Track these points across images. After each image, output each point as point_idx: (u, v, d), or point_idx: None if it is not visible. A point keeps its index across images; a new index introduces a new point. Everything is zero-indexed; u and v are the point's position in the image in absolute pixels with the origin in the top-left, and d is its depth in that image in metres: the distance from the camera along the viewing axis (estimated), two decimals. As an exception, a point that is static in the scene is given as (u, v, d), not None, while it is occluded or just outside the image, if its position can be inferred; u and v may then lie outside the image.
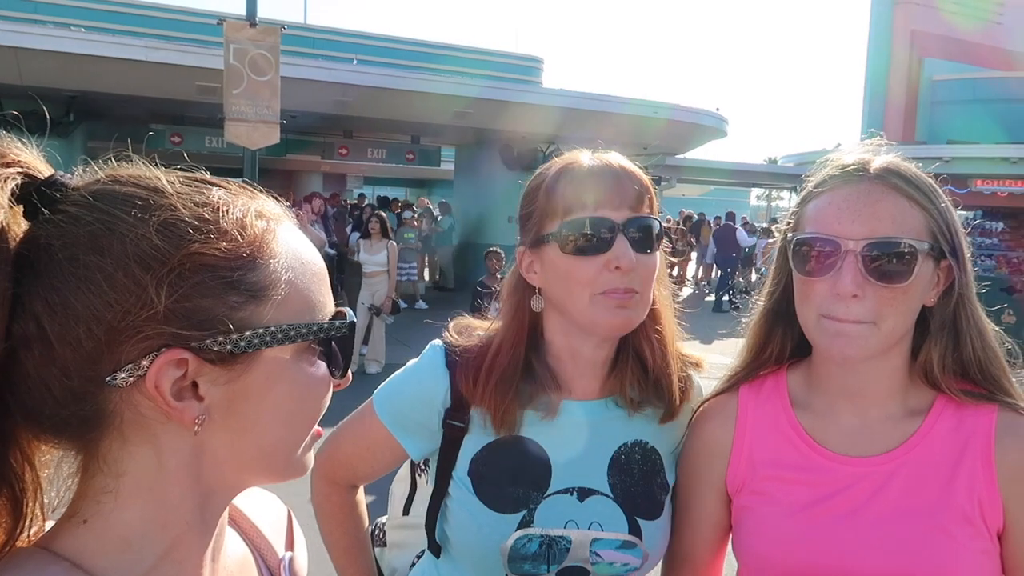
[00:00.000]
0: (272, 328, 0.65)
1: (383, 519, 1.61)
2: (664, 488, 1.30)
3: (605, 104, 18.13)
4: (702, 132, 20.49)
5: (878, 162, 1.13)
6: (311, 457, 0.75)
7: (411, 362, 1.33)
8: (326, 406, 0.73)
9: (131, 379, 0.61)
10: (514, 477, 1.22)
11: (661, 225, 1.20)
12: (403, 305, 11.34)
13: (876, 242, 1.07)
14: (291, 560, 0.85)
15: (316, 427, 0.74)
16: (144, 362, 0.60)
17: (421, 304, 13.63)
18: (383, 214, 9.75)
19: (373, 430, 1.31)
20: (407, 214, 15.85)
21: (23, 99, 13.63)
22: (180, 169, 0.69)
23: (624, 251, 1.14)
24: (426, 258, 16.58)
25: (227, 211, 0.65)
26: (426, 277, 16.76)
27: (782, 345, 1.26)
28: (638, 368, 1.26)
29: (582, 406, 1.27)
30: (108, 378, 0.60)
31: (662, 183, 23.79)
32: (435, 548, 1.30)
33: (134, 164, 0.68)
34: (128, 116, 16.76)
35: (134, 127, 17.66)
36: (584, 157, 1.21)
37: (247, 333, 0.63)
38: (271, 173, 19.89)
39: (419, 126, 18.56)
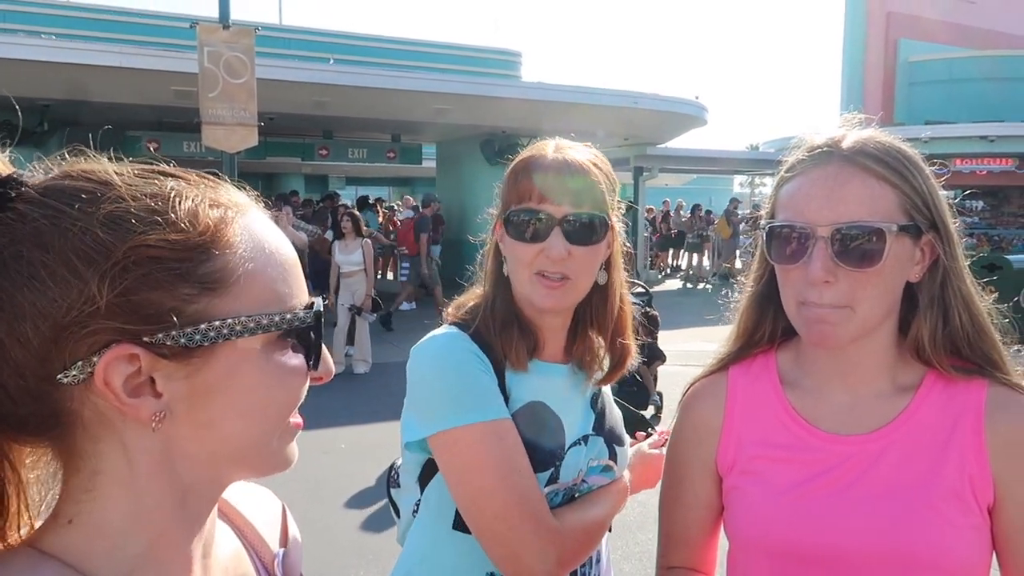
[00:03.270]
0: (230, 320, 0.63)
1: (399, 460, 1.61)
2: (619, 419, 1.51)
3: (584, 96, 18.14)
4: (683, 121, 20.55)
5: (848, 141, 1.11)
6: (294, 449, 0.73)
7: (425, 370, 1.28)
8: (301, 397, 0.71)
9: (82, 376, 0.59)
10: (545, 438, 1.31)
11: (604, 220, 1.32)
12: (405, 307, 11.28)
13: (843, 226, 1.05)
14: (284, 556, 0.84)
15: (295, 419, 0.72)
16: (95, 359, 0.59)
17: (406, 305, 13.55)
18: (355, 212, 9.68)
19: (509, 435, 1.22)
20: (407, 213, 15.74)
21: (-5, 110, 13.39)
22: (142, 162, 0.67)
23: (556, 244, 1.27)
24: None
25: (178, 201, 0.63)
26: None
27: (773, 327, 1.26)
28: (590, 336, 1.43)
29: (558, 368, 1.41)
30: (59, 376, 0.59)
31: (644, 173, 23.82)
32: (463, 526, 1.26)
33: (94, 159, 0.66)
34: (104, 123, 16.57)
35: (110, 134, 17.46)
36: (548, 149, 1.34)
37: (202, 326, 0.62)
38: (251, 176, 19.74)
39: (399, 124, 18.51)
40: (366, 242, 9.10)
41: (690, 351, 8.13)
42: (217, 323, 0.62)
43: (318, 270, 10.69)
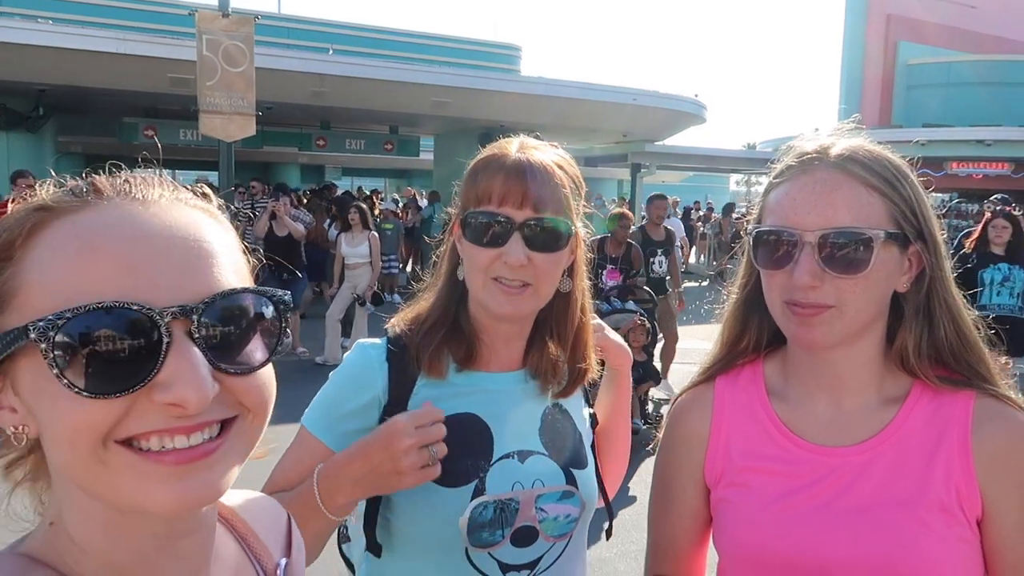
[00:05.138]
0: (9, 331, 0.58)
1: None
2: (582, 441, 1.41)
3: (584, 91, 18.11)
4: (681, 119, 20.55)
5: (837, 148, 1.11)
6: (154, 490, 0.59)
7: (333, 374, 1.33)
8: (84, 426, 0.57)
9: None
10: (462, 451, 1.25)
11: (566, 225, 1.26)
12: (386, 298, 11.25)
13: (831, 232, 1.05)
14: (287, 566, 0.83)
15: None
16: None
17: (396, 298, 13.51)
18: (363, 205, 9.67)
19: (311, 454, 1.26)
20: (387, 205, 15.68)
21: (-9, 93, 13.36)
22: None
23: (515, 249, 1.21)
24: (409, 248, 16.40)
25: None
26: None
27: (758, 335, 1.25)
28: (550, 346, 1.36)
29: (505, 376, 1.35)
30: None
31: (642, 170, 23.82)
32: (376, 548, 1.29)
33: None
34: (99, 109, 16.52)
35: (106, 121, 17.41)
36: (511, 148, 1.27)
37: None
38: (248, 165, 19.69)
39: (397, 116, 18.47)
40: (373, 235, 9.08)
41: (686, 348, 8.12)
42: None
43: (315, 260, 10.66)
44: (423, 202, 17.48)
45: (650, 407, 6.88)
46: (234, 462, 0.63)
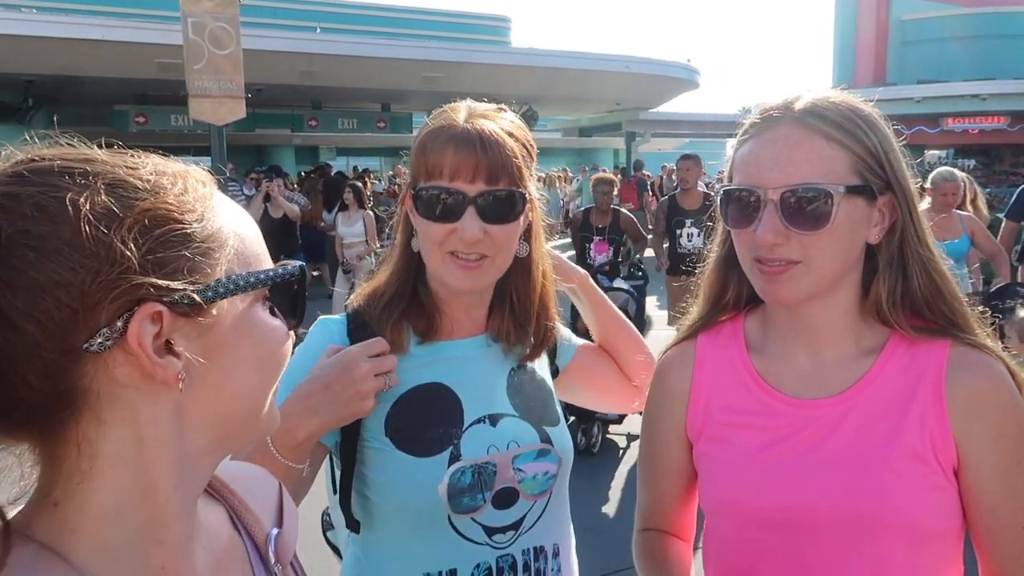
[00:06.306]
0: (234, 276, 0.66)
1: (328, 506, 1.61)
2: (552, 397, 1.43)
3: (575, 61, 17.95)
4: (674, 85, 20.38)
5: (801, 103, 1.10)
6: (277, 409, 0.77)
7: (298, 348, 1.31)
8: (289, 353, 0.75)
9: (109, 343, 0.60)
10: (432, 420, 1.27)
11: (521, 195, 1.25)
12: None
13: (791, 189, 1.05)
14: (278, 535, 0.84)
15: None
16: (118, 323, 0.59)
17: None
18: (357, 184, 9.64)
19: None
20: (379, 187, 15.63)
21: (-22, 86, 13.23)
22: (120, 148, 0.69)
23: (470, 225, 1.20)
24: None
25: (164, 173, 0.66)
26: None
27: (738, 291, 1.25)
28: (512, 310, 1.37)
29: (467, 343, 1.36)
30: (85, 345, 0.59)
31: (637, 139, 23.68)
32: (354, 525, 1.30)
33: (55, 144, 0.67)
34: (89, 98, 16.36)
35: (97, 109, 17.27)
36: (459, 117, 1.24)
37: (211, 283, 0.64)
38: (241, 149, 19.56)
39: (388, 93, 18.32)
40: (367, 214, 9.06)
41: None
42: (224, 279, 0.65)
43: (311, 242, 10.64)
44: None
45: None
46: None
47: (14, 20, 12.60)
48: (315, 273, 11.62)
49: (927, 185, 5.34)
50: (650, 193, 18.92)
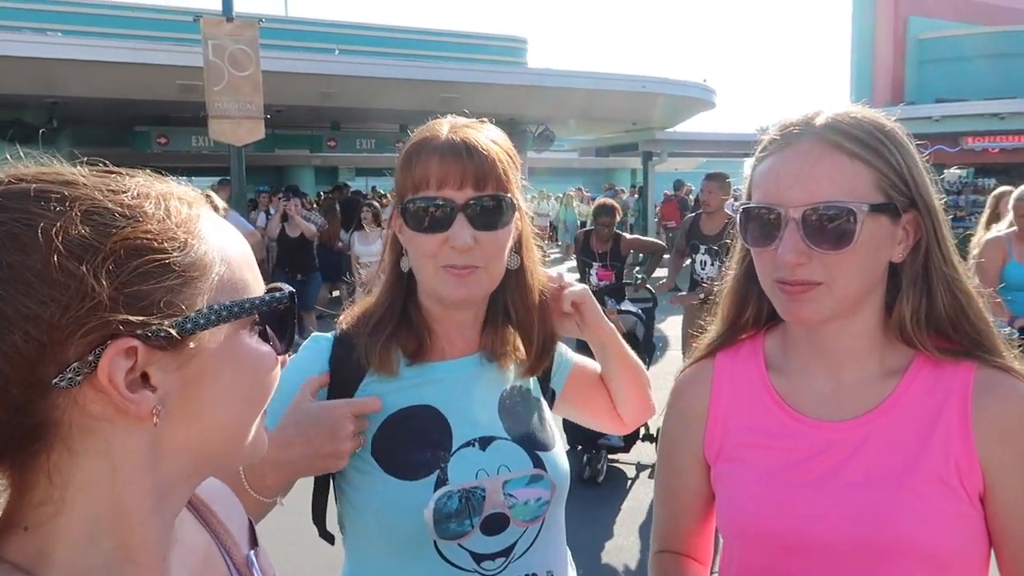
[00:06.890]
0: (215, 307, 0.64)
1: None
2: (546, 421, 1.39)
3: (592, 81, 18.03)
4: (691, 104, 20.40)
5: (822, 118, 1.06)
6: (263, 436, 0.74)
7: (289, 362, 1.30)
8: (277, 380, 0.72)
9: (79, 378, 0.58)
10: (419, 443, 1.25)
11: (509, 201, 1.24)
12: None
13: (813, 207, 1.01)
14: (257, 555, 0.83)
15: None
16: (89, 358, 0.58)
17: None
18: (375, 203, 9.70)
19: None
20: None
21: (3, 108, 13.50)
22: (93, 165, 0.66)
23: (460, 232, 1.20)
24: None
25: (147, 196, 0.64)
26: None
27: (758, 309, 1.23)
28: (507, 326, 1.34)
29: (459, 363, 1.33)
30: (54, 381, 0.57)
31: (653, 158, 23.67)
32: (328, 537, 1.30)
33: (34, 162, 0.65)
34: (112, 120, 16.63)
35: (119, 130, 17.55)
36: (442, 130, 1.25)
37: (191, 315, 0.62)
38: (261, 169, 19.78)
39: (406, 114, 18.44)
40: (385, 233, 9.04)
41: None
42: (205, 310, 0.63)
43: (329, 261, 10.69)
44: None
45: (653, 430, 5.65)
46: None
47: (41, 43, 12.88)
48: (334, 294, 11.66)
49: (1009, 206, 4.84)
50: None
